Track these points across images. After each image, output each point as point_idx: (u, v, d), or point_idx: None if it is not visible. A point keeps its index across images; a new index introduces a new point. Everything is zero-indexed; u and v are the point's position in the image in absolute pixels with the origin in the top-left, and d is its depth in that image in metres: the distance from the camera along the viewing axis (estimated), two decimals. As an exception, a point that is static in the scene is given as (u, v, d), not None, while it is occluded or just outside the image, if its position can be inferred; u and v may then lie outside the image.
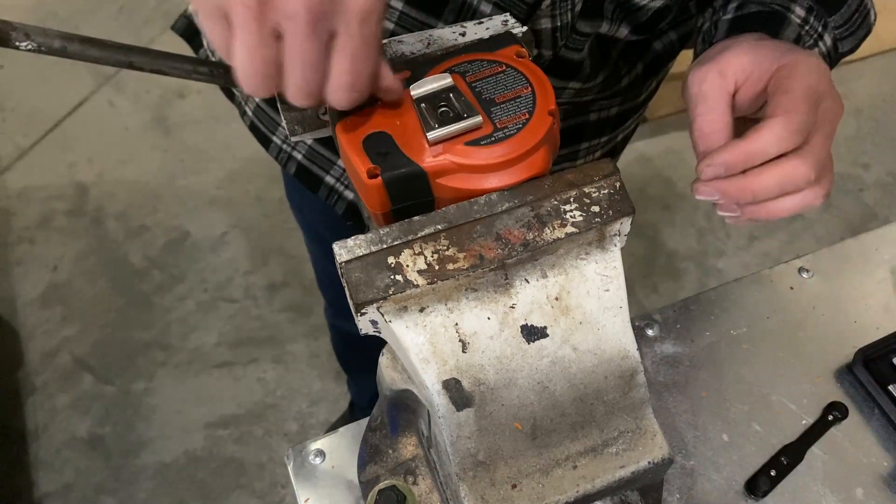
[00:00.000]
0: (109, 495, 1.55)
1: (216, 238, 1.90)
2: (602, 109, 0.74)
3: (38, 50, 0.44)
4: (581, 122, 0.74)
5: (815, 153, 0.48)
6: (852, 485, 0.65)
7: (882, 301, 0.76)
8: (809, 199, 0.48)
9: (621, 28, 0.62)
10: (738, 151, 0.46)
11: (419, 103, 0.43)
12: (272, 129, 0.75)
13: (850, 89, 2.26)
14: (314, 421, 1.65)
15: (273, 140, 0.76)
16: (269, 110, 0.74)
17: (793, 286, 0.77)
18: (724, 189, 0.47)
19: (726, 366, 0.72)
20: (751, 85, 0.50)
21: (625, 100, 0.75)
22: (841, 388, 0.70)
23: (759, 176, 0.46)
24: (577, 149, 0.77)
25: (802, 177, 0.47)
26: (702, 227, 1.96)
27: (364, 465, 0.56)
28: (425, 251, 0.40)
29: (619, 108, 0.76)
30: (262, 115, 0.75)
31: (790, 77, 0.48)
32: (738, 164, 0.47)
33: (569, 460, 0.42)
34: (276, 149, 0.76)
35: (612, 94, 0.72)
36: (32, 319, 1.78)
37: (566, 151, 0.76)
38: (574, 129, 0.74)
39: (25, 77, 2.23)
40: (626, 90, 0.73)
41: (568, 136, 0.74)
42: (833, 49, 0.59)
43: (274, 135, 0.75)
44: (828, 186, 0.50)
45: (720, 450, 0.67)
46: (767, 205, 0.48)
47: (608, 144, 0.80)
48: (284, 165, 0.76)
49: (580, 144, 0.76)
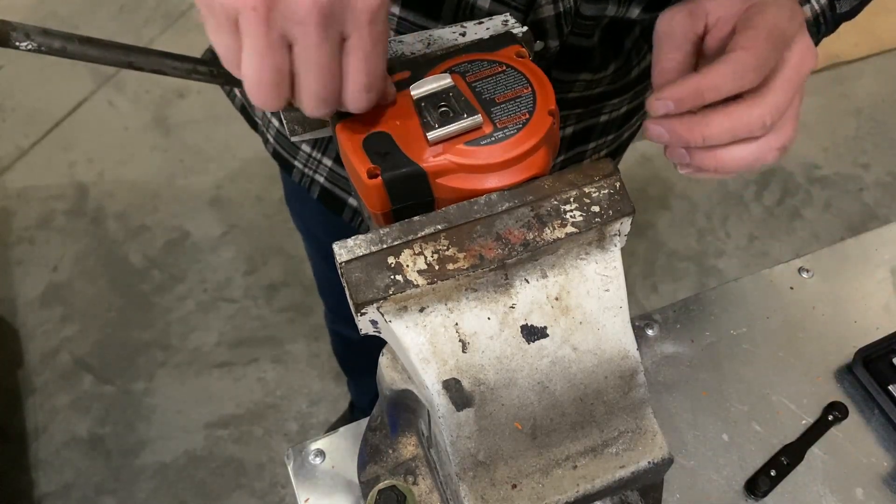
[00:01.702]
0: (109, 495, 1.55)
1: (216, 238, 1.90)
2: (613, 110, 0.73)
3: (38, 50, 0.44)
4: (591, 124, 0.73)
5: (774, 98, 0.44)
6: (852, 485, 0.65)
7: (882, 301, 0.76)
8: (763, 150, 0.45)
9: (632, 8, 0.59)
10: (689, 85, 0.43)
11: (419, 103, 0.43)
12: (293, 153, 0.75)
13: (850, 89, 2.26)
14: (314, 421, 1.65)
15: (295, 165, 0.75)
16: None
17: (793, 286, 0.77)
18: (672, 128, 0.44)
19: (726, 366, 0.71)
20: (721, 26, 0.48)
21: (634, 95, 0.73)
22: (841, 388, 0.70)
23: (708, 116, 0.44)
24: (584, 149, 0.76)
25: (756, 120, 0.43)
26: (702, 227, 1.96)
27: (364, 465, 0.56)
28: (425, 251, 0.40)
29: (628, 105, 0.74)
30: (283, 140, 0.75)
31: (757, 15, 0.45)
32: (688, 100, 0.44)
33: (569, 460, 0.42)
34: (298, 173, 0.76)
35: (622, 88, 0.70)
36: (32, 319, 1.78)
37: (573, 153, 0.75)
38: (584, 130, 0.73)
39: (25, 77, 2.23)
40: (637, 82, 0.71)
41: (576, 139, 0.74)
42: (829, 7, 0.55)
43: (295, 159, 0.75)
44: (785, 139, 0.46)
45: (720, 450, 0.67)
46: (717, 152, 0.45)
47: (614, 143, 0.79)
48: (308, 189, 0.76)
49: (588, 145, 0.76)
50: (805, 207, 2.01)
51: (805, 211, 2.00)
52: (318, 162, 0.73)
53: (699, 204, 2.01)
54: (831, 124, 2.19)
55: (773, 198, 2.02)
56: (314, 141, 0.71)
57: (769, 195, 2.03)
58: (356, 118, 0.44)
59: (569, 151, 0.75)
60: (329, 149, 0.72)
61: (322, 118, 0.41)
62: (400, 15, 0.58)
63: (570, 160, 0.76)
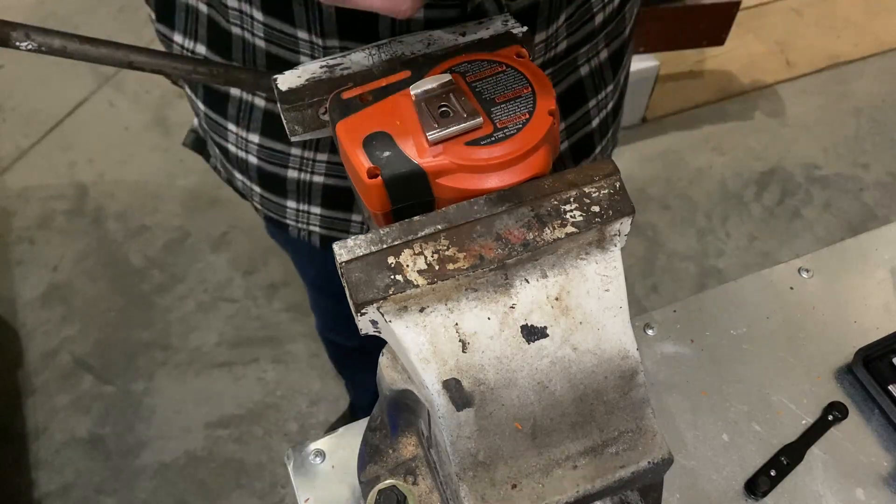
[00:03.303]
0: (109, 495, 1.55)
1: (216, 238, 1.90)
2: (591, 58, 0.70)
3: (38, 50, 0.44)
4: (575, 81, 0.70)
5: None
6: (852, 485, 0.65)
7: (882, 301, 0.76)
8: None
9: None
10: None
11: (419, 103, 0.43)
12: (282, 213, 0.75)
13: (850, 89, 2.26)
14: (314, 421, 1.65)
15: (287, 223, 0.75)
16: (274, 197, 0.73)
17: (793, 286, 0.77)
18: None
19: (726, 366, 0.72)
20: None
21: (609, 39, 0.70)
22: (841, 388, 0.70)
23: None
24: (586, 110, 0.73)
25: None
26: (702, 227, 1.97)
27: (364, 465, 0.56)
28: (425, 251, 0.40)
29: (607, 50, 0.71)
30: (270, 204, 0.75)
31: None
32: None
33: (569, 460, 0.42)
34: (295, 230, 0.76)
35: (587, 37, 0.67)
36: (32, 319, 1.78)
37: (576, 118, 0.72)
38: (572, 91, 0.70)
39: (25, 77, 2.23)
40: (603, 26, 0.68)
41: (569, 101, 0.71)
42: None
43: (286, 218, 0.75)
44: None
45: (720, 450, 0.67)
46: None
47: (615, 92, 0.76)
48: (308, 240, 0.76)
49: (588, 104, 0.73)
50: (805, 207, 2.01)
51: (805, 211, 2.00)
52: (308, 213, 0.73)
53: (699, 204, 2.01)
54: (831, 124, 2.19)
55: (773, 198, 2.02)
56: (298, 195, 0.71)
57: (769, 195, 2.03)
58: (356, 118, 0.44)
59: (569, 116, 0.72)
60: (313, 196, 0.71)
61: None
62: (265, 21, 0.58)
63: (575, 125, 0.73)
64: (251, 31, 0.59)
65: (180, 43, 0.66)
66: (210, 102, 0.69)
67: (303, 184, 0.70)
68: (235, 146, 0.71)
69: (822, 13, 2.44)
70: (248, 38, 0.60)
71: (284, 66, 0.54)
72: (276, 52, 0.59)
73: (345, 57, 0.49)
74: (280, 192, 0.72)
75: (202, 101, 0.70)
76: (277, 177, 0.70)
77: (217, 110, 0.69)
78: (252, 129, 0.67)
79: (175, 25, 0.66)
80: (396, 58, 0.49)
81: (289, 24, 0.56)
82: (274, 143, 0.68)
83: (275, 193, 0.72)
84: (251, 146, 0.69)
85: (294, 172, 0.69)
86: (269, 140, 0.67)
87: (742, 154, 2.11)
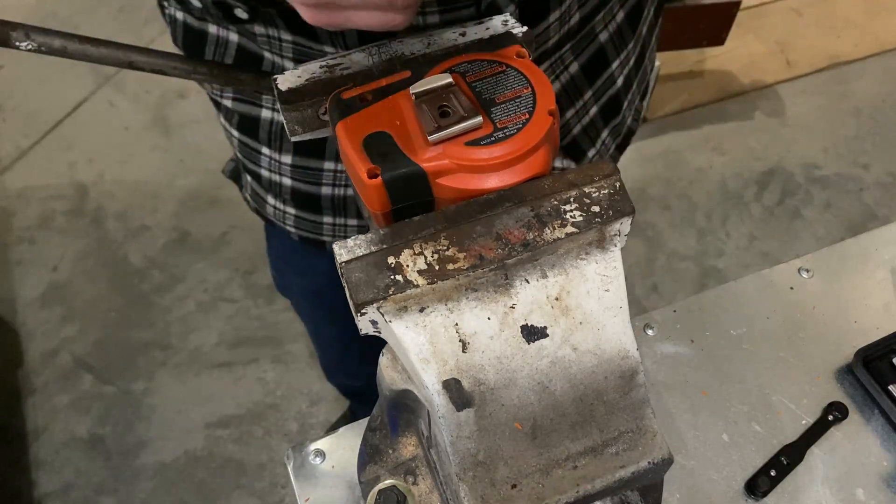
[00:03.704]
0: (109, 495, 1.55)
1: (216, 238, 1.90)
2: (608, 23, 0.69)
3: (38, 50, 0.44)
4: (596, 49, 0.69)
5: None
6: (852, 485, 0.65)
7: (882, 301, 0.76)
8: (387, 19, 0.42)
9: None
10: None
11: (419, 103, 0.43)
12: (319, 232, 0.76)
13: (850, 89, 2.26)
14: (314, 421, 1.65)
15: (324, 239, 0.76)
16: (309, 215, 0.75)
17: (793, 286, 0.77)
18: None
19: (726, 366, 0.71)
20: None
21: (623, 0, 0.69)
22: (841, 388, 0.70)
23: None
24: (610, 72, 0.72)
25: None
26: (702, 227, 1.96)
27: (364, 465, 0.56)
28: (425, 251, 0.40)
29: (622, 10, 0.70)
30: (306, 223, 0.76)
31: None
32: None
33: (569, 460, 0.42)
34: (332, 245, 0.76)
35: (599, 5, 0.66)
36: (32, 319, 1.78)
37: (602, 81, 0.71)
38: (594, 59, 0.69)
39: (25, 77, 2.23)
40: None
41: (593, 68, 0.70)
42: None
43: (322, 235, 0.76)
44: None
45: (720, 450, 0.67)
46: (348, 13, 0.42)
47: (636, 48, 0.75)
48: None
49: (611, 67, 0.72)
50: (805, 207, 2.01)
51: (805, 211, 2.00)
52: (345, 226, 0.74)
53: (699, 204, 2.01)
54: (831, 124, 2.19)
55: (773, 198, 2.02)
56: (334, 209, 0.73)
57: (769, 195, 2.03)
58: (356, 118, 0.44)
59: (594, 82, 0.71)
60: (349, 209, 0.72)
61: None
62: (293, 39, 0.59)
63: (601, 88, 0.72)
64: (280, 52, 0.60)
65: None
66: (243, 129, 0.70)
67: (338, 199, 0.71)
68: (269, 170, 0.72)
69: (822, 13, 2.44)
70: (277, 61, 0.61)
71: None
72: None
73: (345, 57, 0.49)
74: (316, 210, 0.73)
75: (236, 128, 0.71)
76: (312, 195, 0.71)
77: (250, 135, 0.70)
78: (284, 150, 0.69)
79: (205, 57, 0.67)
80: (396, 58, 0.48)
81: (314, 40, 0.57)
82: (307, 160, 0.69)
83: (310, 212, 0.73)
84: (284, 167, 0.70)
85: (328, 189, 0.70)
86: (302, 158, 0.69)
87: (742, 154, 2.11)
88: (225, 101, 0.69)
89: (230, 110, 0.70)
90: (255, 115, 0.68)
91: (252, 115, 0.68)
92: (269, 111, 0.67)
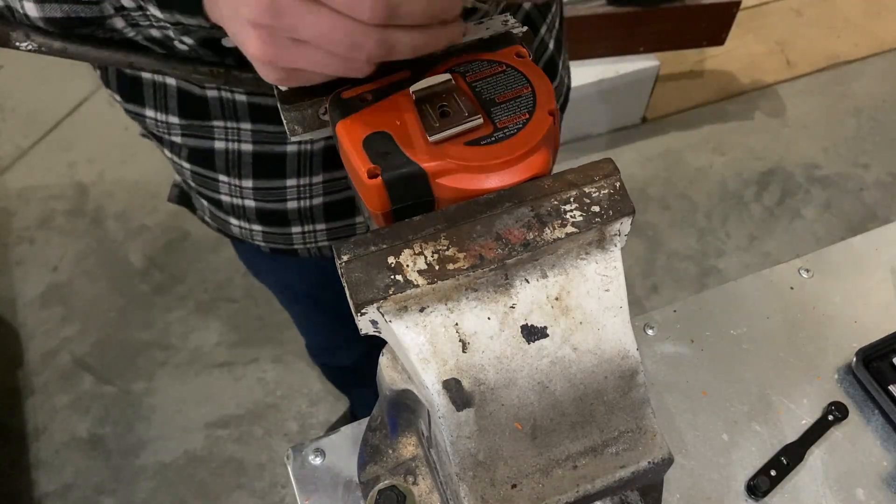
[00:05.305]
0: (109, 495, 1.55)
1: (216, 238, 1.90)
2: None
3: (38, 50, 0.44)
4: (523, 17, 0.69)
5: None
6: (852, 485, 0.65)
7: (882, 301, 0.76)
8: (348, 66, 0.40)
9: None
10: None
11: (419, 103, 0.43)
12: (289, 242, 0.75)
13: (850, 89, 2.26)
14: (314, 421, 1.65)
15: (296, 248, 0.76)
16: (277, 229, 0.73)
17: (793, 286, 0.77)
18: None
19: (726, 366, 0.71)
20: None
21: None
22: (841, 388, 0.70)
23: None
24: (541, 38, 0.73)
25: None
26: (702, 227, 1.97)
27: (364, 465, 0.56)
28: (425, 251, 0.40)
29: None
30: (274, 237, 0.75)
31: None
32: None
33: (569, 460, 0.42)
34: (304, 251, 0.76)
35: None
36: (32, 319, 1.78)
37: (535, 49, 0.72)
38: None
39: (25, 77, 2.23)
40: None
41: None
42: None
43: (293, 245, 0.75)
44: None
45: (720, 450, 0.67)
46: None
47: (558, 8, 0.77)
48: (321, 257, 0.76)
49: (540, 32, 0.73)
50: (805, 207, 2.01)
51: (805, 211, 2.00)
52: (314, 232, 0.73)
53: (699, 204, 2.01)
54: (831, 124, 2.19)
55: (773, 198, 2.02)
56: (302, 219, 0.72)
57: (769, 195, 2.03)
58: (356, 118, 0.44)
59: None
60: (316, 216, 0.72)
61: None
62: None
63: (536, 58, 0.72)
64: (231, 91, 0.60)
65: (152, 117, 0.66)
66: (196, 160, 0.69)
67: (304, 210, 0.71)
68: (229, 195, 0.71)
69: (822, 13, 2.44)
70: (227, 96, 0.60)
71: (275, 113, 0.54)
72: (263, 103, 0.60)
73: (345, 57, 0.49)
74: (283, 224, 0.72)
75: (187, 160, 0.70)
76: (277, 212, 0.71)
77: (205, 165, 0.69)
78: (244, 176, 0.68)
79: (145, 102, 0.66)
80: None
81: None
82: (269, 181, 0.68)
83: (278, 226, 0.73)
84: (246, 191, 0.70)
85: (294, 203, 0.70)
86: (264, 181, 0.68)
87: (742, 154, 2.11)
88: (173, 137, 0.68)
89: (177, 144, 0.69)
90: (208, 147, 0.67)
91: (204, 147, 0.67)
92: (222, 142, 0.66)
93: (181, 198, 0.84)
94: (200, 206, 0.79)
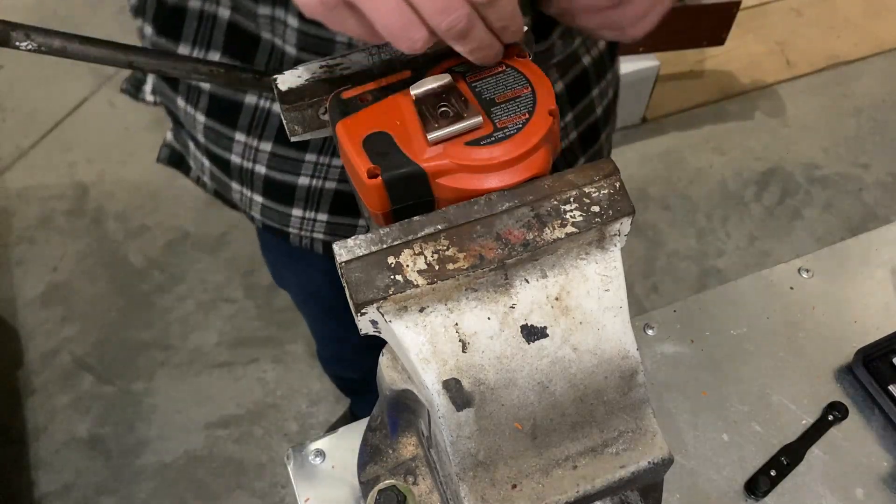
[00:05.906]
0: (109, 495, 1.55)
1: (216, 238, 1.90)
2: (590, 48, 0.71)
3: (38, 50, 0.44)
4: (580, 71, 0.71)
5: None
6: (852, 485, 0.65)
7: (882, 301, 0.76)
8: None
9: None
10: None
11: (419, 103, 0.43)
12: (285, 223, 0.74)
13: (850, 89, 2.26)
14: (314, 421, 1.65)
15: (290, 231, 0.75)
16: (278, 206, 0.73)
17: (793, 286, 0.77)
18: None
19: (726, 366, 0.72)
20: None
21: None
22: (841, 388, 0.70)
23: None
24: (590, 99, 0.74)
25: None
26: (702, 227, 1.97)
27: (364, 465, 0.56)
28: (425, 251, 0.40)
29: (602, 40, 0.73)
30: (272, 213, 0.74)
31: None
32: None
33: (569, 460, 0.42)
34: (297, 238, 0.75)
35: None
36: (32, 319, 1.78)
37: (582, 107, 0.73)
38: (579, 81, 0.72)
39: (25, 77, 2.23)
40: None
41: (576, 90, 0.72)
42: None
43: (288, 227, 0.74)
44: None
45: (720, 450, 0.67)
46: None
47: (612, 84, 0.78)
48: (311, 249, 0.75)
49: (591, 93, 0.74)
50: (805, 207, 2.01)
51: (805, 211, 2.00)
52: (314, 221, 0.73)
53: (699, 204, 2.01)
54: (831, 124, 2.19)
55: (773, 198, 2.02)
56: (307, 202, 0.71)
57: (769, 195, 2.03)
58: (356, 118, 0.44)
59: (575, 105, 0.73)
60: (322, 203, 0.71)
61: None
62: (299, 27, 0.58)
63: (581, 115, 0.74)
64: (283, 37, 0.59)
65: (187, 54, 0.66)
66: (215, 112, 0.68)
67: (313, 190, 0.70)
68: (241, 156, 0.70)
69: (822, 13, 2.44)
70: (278, 44, 0.60)
71: None
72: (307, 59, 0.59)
73: (345, 57, 0.49)
74: (286, 201, 0.71)
75: (205, 111, 0.69)
76: (287, 185, 0.70)
77: (224, 120, 0.68)
78: (265, 138, 0.67)
79: (182, 36, 0.65)
80: (396, 58, 0.48)
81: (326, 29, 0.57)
82: (288, 150, 0.67)
83: (280, 202, 0.72)
84: (261, 155, 0.69)
85: (306, 179, 0.69)
86: (284, 148, 0.67)
87: (742, 154, 2.11)
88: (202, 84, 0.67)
89: (199, 90, 0.67)
90: (238, 99, 0.66)
91: (233, 99, 0.66)
92: (253, 97, 0.65)
93: (172, 157, 0.82)
94: (199, 166, 0.78)
